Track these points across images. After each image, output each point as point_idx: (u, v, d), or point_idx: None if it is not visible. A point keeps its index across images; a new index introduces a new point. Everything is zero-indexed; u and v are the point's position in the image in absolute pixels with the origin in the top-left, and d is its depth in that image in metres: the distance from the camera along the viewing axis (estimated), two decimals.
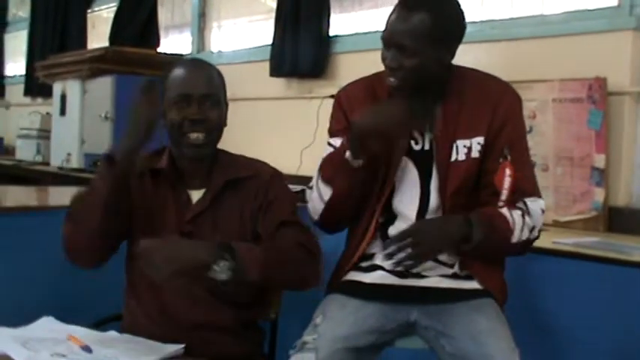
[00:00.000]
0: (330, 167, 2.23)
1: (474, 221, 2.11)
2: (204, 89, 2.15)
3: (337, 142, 2.29)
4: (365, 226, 2.27)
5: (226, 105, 2.25)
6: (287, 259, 2.11)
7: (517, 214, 2.17)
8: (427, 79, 2.19)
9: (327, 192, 2.23)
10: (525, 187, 2.23)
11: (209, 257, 1.94)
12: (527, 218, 2.18)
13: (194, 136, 2.13)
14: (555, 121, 3.33)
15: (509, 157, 2.19)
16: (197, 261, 1.95)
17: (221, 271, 1.94)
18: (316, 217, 2.30)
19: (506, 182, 2.18)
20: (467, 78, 2.28)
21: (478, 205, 2.21)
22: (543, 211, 2.25)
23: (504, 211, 2.16)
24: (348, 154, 2.14)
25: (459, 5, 2.23)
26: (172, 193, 2.20)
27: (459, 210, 2.19)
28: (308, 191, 2.34)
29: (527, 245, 2.23)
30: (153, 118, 2.05)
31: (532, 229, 2.20)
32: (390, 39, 2.17)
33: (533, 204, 2.22)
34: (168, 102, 2.16)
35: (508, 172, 2.18)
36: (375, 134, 2.11)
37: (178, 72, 2.20)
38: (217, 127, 2.19)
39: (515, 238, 2.16)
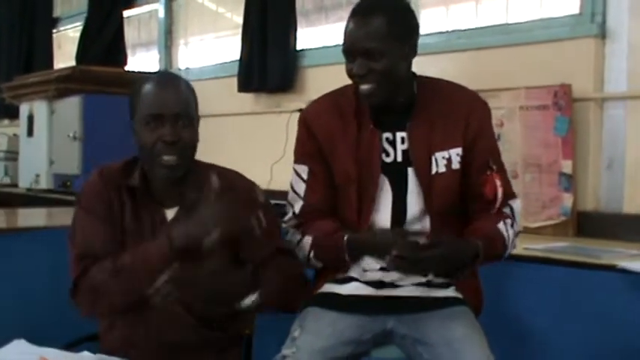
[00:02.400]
0: (326, 256, 2.25)
1: (480, 251, 2.10)
2: (177, 108, 2.06)
3: (302, 170, 2.29)
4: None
5: (198, 119, 2.16)
6: (292, 289, 2.15)
7: (509, 225, 2.20)
8: (397, 83, 2.19)
9: (318, 264, 2.29)
10: (509, 191, 2.26)
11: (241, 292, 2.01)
12: (515, 226, 2.22)
13: (167, 158, 2.04)
14: (522, 129, 3.35)
15: (494, 168, 2.21)
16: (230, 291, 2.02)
17: (249, 304, 2.02)
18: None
19: (499, 192, 2.20)
20: (434, 88, 2.28)
21: (465, 215, 2.25)
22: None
23: (501, 226, 2.18)
24: (347, 258, 2.19)
25: (407, 3, 2.28)
26: (147, 212, 2.13)
27: (445, 221, 2.21)
28: (288, 227, 2.32)
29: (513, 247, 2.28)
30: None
31: (517, 234, 2.24)
32: (353, 47, 2.16)
33: (516, 204, 2.26)
34: (140, 121, 2.07)
35: (498, 182, 2.20)
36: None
37: (149, 89, 2.09)
38: (191, 146, 2.10)
39: (507, 254, 2.21)
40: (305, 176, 2.28)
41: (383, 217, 2.23)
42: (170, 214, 2.14)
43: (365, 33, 2.13)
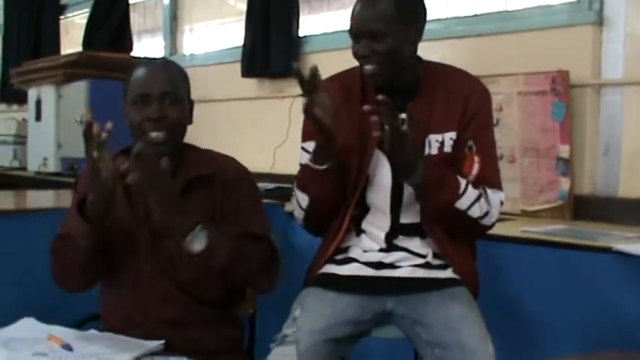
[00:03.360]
0: (303, 175, 2.26)
1: (420, 164, 2.11)
2: (163, 87, 2.10)
3: (310, 146, 2.29)
4: (340, 219, 2.27)
5: (190, 103, 2.20)
6: (245, 260, 2.10)
7: (474, 190, 2.18)
8: (400, 65, 2.21)
9: (304, 199, 2.26)
10: (487, 178, 2.24)
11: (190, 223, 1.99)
12: (482, 200, 2.19)
13: (154, 134, 2.07)
14: (521, 114, 3.34)
15: (474, 149, 2.21)
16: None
17: (195, 241, 1.98)
18: (300, 222, 2.34)
19: (475, 169, 2.20)
20: (437, 73, 2.30)
21: None
22: (502, 203, 2.27)
23: (462, 180, 2.18)
24: (309, 160, 2.19)
25: None
26: (140, 195, 2.12)
27: None
28: (293, 200, 2.35)
29: (479, 226, 2.22)
30: (115, 174, 1.99)
31: (486, 214, 2.20)
32: (360, 29, 2.19)
33: (494, 195, 2.23)
34: (129, 102, 2.13)
35: (476, 159, 2.20)
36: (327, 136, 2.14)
37: (138, 72, 2.16)
38: (178, 124, 2.14)
39: (461, 205, 2.16)
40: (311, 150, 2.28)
41: (382, 193, 2.25)
42: None
43: (371, 15, 2.17)
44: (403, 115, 2.22)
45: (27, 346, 1.88)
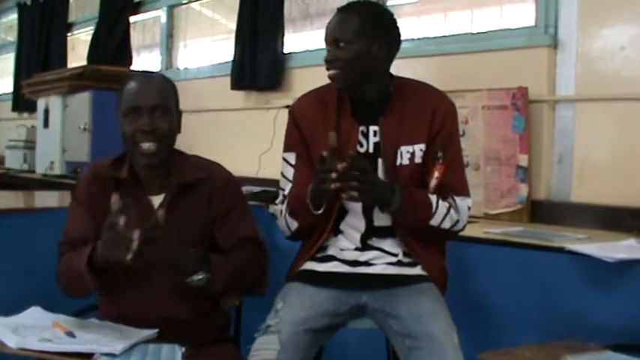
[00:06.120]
0: (296, 207, 2.21)
1: (396, 192, 2.10)
2: (154, 100, 2.05)
3: (290, 157, 2.28)
4: (323, 225, 2.25)
5: (179, 113, 2.15)
6: (243, 275, 2.11)
7: (444, 204, 2.17)
8: (362, 74, 2.20)
9: (293, 224, 2.24)
10: (454, 186, 2.22)
11: (192, 267, 1.97)
12: (452, 211, 2.18)
13: (146, 145, 2.03)
14: (485, 126, 3.35)
15: (441, 160, 2.20)
16: (183, 270, 1.98)
17: (198, 281, 1.98)
18: (285, 235, 2.31)
19: (433, 182, 2.19)
20: (407, 88, 2.28)
21: None
22: (469, 208, 2.26)
23: (432, 196, 2.16)
24: (310, 205, 2.14)
25: (388, 11, 2.33)
26: (133, 201, 2.06)
27: None
28: (278, 209, 2.31)
29: (450, 233, 2.22)
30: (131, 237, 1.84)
31: (456, 222, 2.20)
32: (327, 37, 2.23)
33: (461, 202, 2.22)
34: (122, 114, 2.07)
35: (437, 174, 2.18)
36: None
37: (130, 86, 2.09)
38: (168, 135, 2.08)
39: (434, 222, 2.15)
40: (293, 162, 2.28)
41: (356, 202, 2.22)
42: (157, 200, 2.11)
43: (338, 26, 2.21)
44: (375, 128, 2.22)
45: (34, 333, 1.86)
